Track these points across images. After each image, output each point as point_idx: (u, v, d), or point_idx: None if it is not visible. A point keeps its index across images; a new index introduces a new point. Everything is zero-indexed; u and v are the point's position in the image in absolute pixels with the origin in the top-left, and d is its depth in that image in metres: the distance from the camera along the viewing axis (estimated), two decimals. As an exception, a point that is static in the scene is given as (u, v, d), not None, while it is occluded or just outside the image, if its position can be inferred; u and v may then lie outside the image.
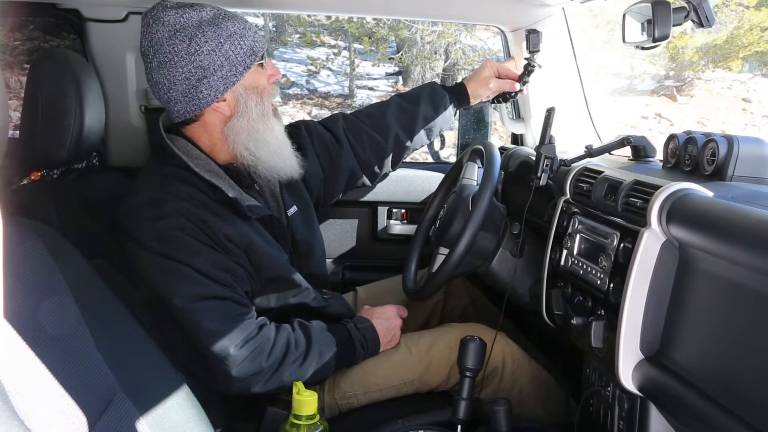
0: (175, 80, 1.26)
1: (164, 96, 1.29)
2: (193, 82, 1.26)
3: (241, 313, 1.27)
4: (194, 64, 1.25)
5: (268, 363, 1.27)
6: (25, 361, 0.64)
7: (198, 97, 1.28)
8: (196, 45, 1.25)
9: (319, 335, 1.36)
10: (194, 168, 1.29)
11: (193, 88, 1.27)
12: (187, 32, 1.25)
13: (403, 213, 2.00)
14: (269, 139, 1.35)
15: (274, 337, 1.30)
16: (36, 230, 0.84)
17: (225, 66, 1.27)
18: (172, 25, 1.25)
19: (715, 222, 0.91)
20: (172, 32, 1.25)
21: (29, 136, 1.35)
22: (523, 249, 1.48)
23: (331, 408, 1.41)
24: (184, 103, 1.29)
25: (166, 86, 1.28)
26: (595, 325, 1.12)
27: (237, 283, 1.28)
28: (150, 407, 0.89)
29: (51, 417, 0.65)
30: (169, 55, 1.25)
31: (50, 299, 0.78)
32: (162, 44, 1.25)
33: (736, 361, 0.88)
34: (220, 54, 1.26)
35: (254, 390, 1.28)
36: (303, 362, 1.31)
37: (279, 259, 1.37)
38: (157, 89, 1.30)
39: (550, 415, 1.45)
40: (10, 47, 6.63)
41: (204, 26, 1.25)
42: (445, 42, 7.83)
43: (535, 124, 1.89)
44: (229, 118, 1.32)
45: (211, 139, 1.35)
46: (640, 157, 1.40)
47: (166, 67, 1.26)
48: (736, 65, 7.92)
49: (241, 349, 1.24)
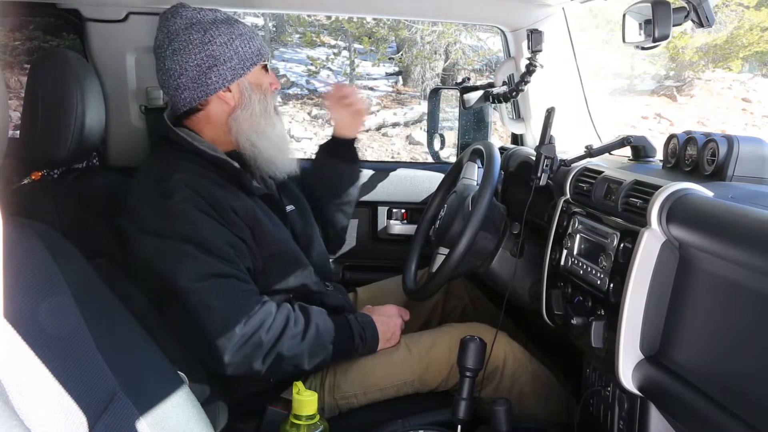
0: (188, 66, 1.35)
1: (174, 82, 1.37)
2: (203, 69, 1.35)
3: (245, 290, 1.29)
4: (206, 53, 1.34)
5: (268, 337, 1.28)
6: (25, 361, 0.64)
7: (207, 83, 1.36)
8: (210, 36, 1.35)
9: (318, 317, 1.37)
10: (199, 147, 1.35)
11: (203, 75, 1.35)
12: (203, 25, 1.36)
13: (403, 213, 2.00)
14: (270, 133, 1.42)
15: (275, 312, 1.31)
16: (36, 230, 0.84)
17: (234, 59, 1.36)
18: (189, 19, 1.36)
19: (715, 222, 0.91)
20: (188, 24, 1.35)
21: (30, 136, 1.35)
22: (523, 249, 1.48)
23: (332, 408, 1.41)
24: (193, 89, 1.36)
25: (178, 72, 1.35)
26: (595, 325, 1.12)
27: (239, 258, 1.30)
28: (150, 407, 0.88)
29: (51, 417, 0.65)
30: (184, 43, 1.34)
31: (50, 299, 0.78)
32: (178, 33, 1.35)
33: (736, 361, 0.88)
34: (230, 48, 1.36)
35: (254, 367, 1.28)
36: (302, 340, 1.32)
37: (282, 234, 1.41)
38: (167, 76, 1.37)
39: (552, 415, 1.45)
40: (10, 47, 6.63)
41: (218, 23, 1.37)
42: (445, 42, 7.83)
43: (535, 124, 1.89)
44: (233, 109, 1.40)
45: (214, 130, 1.41)
46: (640, 157, 1.40)
47: (180, 54, 1.35)
48: (736, 65, 7.92)
49: (244, 327, 1.25)
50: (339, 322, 1.40)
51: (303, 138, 7.31)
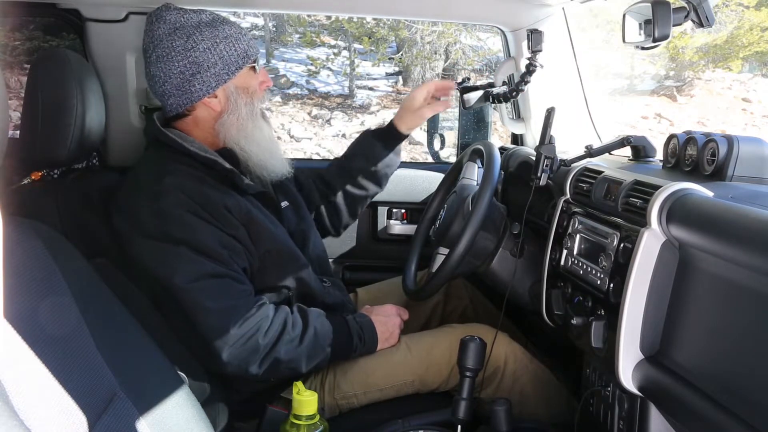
0: (171, 74, 1.34)
1: (159, 89, 1.36)
2: (187, 77, 1.34)
3: (240, 291, 1.29)
4: (189, 60, 1.33)
5: (265, 341, 1.27)
6: (25, 361, 0.64)
7: (191, 91, 1.35)
8: (193, 42, 1.33)
9: (316, 320, 1.36)
10: (190, 148, 1.34)
11: (186, 83, 1.34)
12: (186, 30, 1.33)
13: (403, 213, 2.00)
14: (258, 137, 1.42)
15: (272, 315, 1.31)
16: (36, 230, 0.84)
17: (218, 64, 1.35)
18: (172, 24, 1.34)
19: (715, 222, 0.91)
20: (172, 29, 1.33)
21: (30, 136, 1.34)
22: (523, 249, 1.48)
23: (332, 408, 1.41)
24: (178, 96, 1.36)
25: (162, 79, 1.35)
26: (595, 325, 1.12)
27: (234, 259, 1.29)
28: (150, 407, 0.88)
29: (51, 417, 0.65)
30: (167, 50, 1.33)
31: (50, 299, 0.78)
32: (162, 40, 1.33)
33: (736, 361, 0.88)
34: (214, 53, 1.34)
35: (251, 370, 1.28)
36: (299, 344, 1.32)
37: (278, 231, 1.40)
38: (153, 82, 1.37)
39: (553, 415, 1.45)
40: (10, 47, 6.63)
41: (202, 27, 1.34)
42: (445, 42, 7.84)
43: (535, 124, 1.89)
44: (220, 114, 1.39)
45: (203, 132, 1.40)
46: (640, 157, 1.40)
47: (163, 61, 1.33)
48: (736, 65, 7.93)
49: (240, 328, 1.25)
50: (337, 323, 1.39)
51: (303, 138, 7.32)
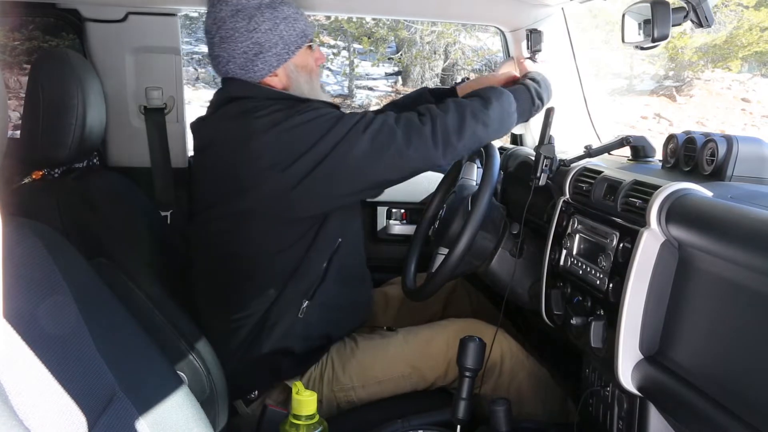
0: (234, 54, 1.38)
1: (223, 69, 1.41)
2: (249, 56, 1.38)
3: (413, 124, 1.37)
4: (252, 40, 1.37)
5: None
6: (24, 361, 0.64)
7: (253, 70, 1.39)
8: (255, 23, 1.37)
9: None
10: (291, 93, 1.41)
11: (249, 62, 1.39)
12: (248, 12, 1.38)
13: (402, 213, 2.00)
14: None
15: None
16: (36, 230, 0.84)
17: (279, 44, 1.40)
18: (234, 5, 1.38)
19: (714, 222, 0.91)
20: (234, 11, 1.38)
21: (31, 136, 1.35)
22: (522, 249, 1.48)
23: (330, 401, 1.42)
24: (240, 75, 1.40)
25: (225, 59, 1.39)
26: (594, 325, 1.12)
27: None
28: (149, 407, 0.88)
29: (50, 417, 0.65)
30: (230, 32, 1.37)
31: (50, 299, 0.78)
32: (225, 21, 1.38)
33: (736, 361, 0.88)
34: (275, 33, 1.39)
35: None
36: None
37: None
38: (216, 62, 1.42)
39: (549, 412, 1.46)
40: (9, 47, 6.63)
41: (263, 8, 1.39)
42: (444, 42, 7.84)
43: (534, 124, 1.89)
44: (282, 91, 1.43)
45: None
46: (640, 157, 1.40)
47: (227, 42, 1.38)
48: (736, 65, 7.92)
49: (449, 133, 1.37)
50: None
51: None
